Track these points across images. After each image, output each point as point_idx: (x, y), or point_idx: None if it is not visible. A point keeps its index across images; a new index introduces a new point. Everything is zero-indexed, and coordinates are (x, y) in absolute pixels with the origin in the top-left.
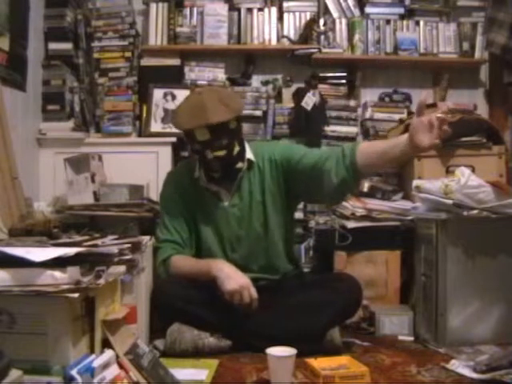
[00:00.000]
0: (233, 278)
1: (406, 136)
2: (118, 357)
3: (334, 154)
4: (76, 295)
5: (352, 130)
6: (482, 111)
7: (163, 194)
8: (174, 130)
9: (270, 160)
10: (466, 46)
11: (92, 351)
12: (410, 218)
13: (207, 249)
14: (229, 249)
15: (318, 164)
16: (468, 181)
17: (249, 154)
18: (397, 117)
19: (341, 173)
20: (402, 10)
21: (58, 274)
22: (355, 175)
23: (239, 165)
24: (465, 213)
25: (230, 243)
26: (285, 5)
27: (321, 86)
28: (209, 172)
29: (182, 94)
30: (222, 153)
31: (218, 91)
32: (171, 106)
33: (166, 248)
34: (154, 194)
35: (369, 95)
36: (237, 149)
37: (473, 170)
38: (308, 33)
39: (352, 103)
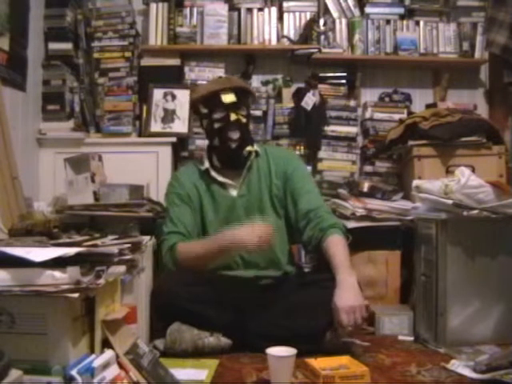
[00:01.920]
0: (242, 230)
1: (344, 279)
2: (118, 357)
3: (314, 223)
4: (76, 295)
5: (352, 129)
6: (482, 111)
7: (169, 190)
8: (174, 130)
9: (281, 160)
10: (465, 45)
11: (92, 351)
12: (409, 217)
13: None
14: None
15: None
16: (468, 181)
17: (255, 147)
18: (397, 117)
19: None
20: (402, 10)
21: (57, 274)
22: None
23: (249, 148)
24: (465, 213)
25: None
26: (285, 5)
27: (321, 85)
28: (228, 137)
29: (181, 94)
30: (244, 119)
31: None
32: (171, 106)
33: (171, 238)
34: (154, 194)
35: (369, 95)
36: (251, 128)
37: (473, 170)
38: (308, 33)
39: (352, 103)
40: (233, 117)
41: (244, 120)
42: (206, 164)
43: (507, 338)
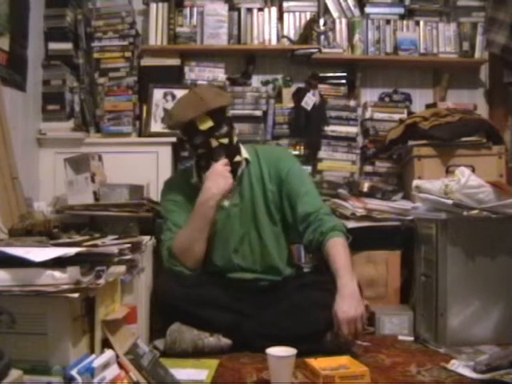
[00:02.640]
0: (207, 186)
1: (344, 286)
2: (118, 357)
3: (314, 223)
4: (76, 295)
5: (352, 129)
6: (482, 111)
7: (164, 198)
8: (174, 130)
9: (274, 162)
10: (465, 45)
11: (92, 351)
12: (410, 217)
13: (210, 252)
14: (231, 250)
15: (298, 222)
16: (468, 181)
17: (244, 154)
18: (397, 117)
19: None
20: (402, 10)
21: (57, 274)
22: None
23: (237, 158)
24: (465, 213)
25: (232, 243)
26: (285, 5)
27: (321, 86)
28: (213, 160)
29: (181, 94)
30: (225, 140)
31: (208, 86)
32: (171, 106)
33: (167, 242)
34: (154, 194)
35: (369, 95)
36: (235, 139)
37: (473, 170)
38: (308, 33)
39: (352, 103)
40: (214, 143)
41: (226, 140)
42: (195, 178)
43: (507, 338)
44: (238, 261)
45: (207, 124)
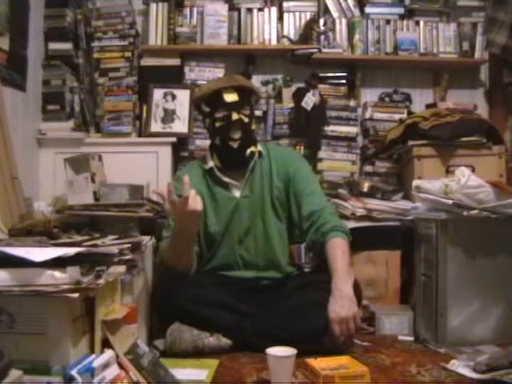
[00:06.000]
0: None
1: (337, 288)
2: (118, 357)
3: (317, 223)
4: (76, 295)
5: (352, 129)
6: (482, 111)
7: None
8: (174, 130)
9: (283, 161)
10: (465, 45)
11: (92, 351)
12: (409, 217)
13: (215, 242)
14: (236, 241)
15: (302, 221)
16: (468, 181)
17: (259, 147)
18: (397, 117)
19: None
20: (401, 10)
21: (58, 274)
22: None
23: (252, 148)
24: (465, 213)
25: (237, 235)
26: (285, 5)
27: (321, 85)
28: (229, 136)
29: (182, 94)
30: (246, 119)
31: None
32: (171, 106)
33: (162, 243)
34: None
35: (369, 95)
36: (254, 127)
37: (473, 170)
38: (308, 33)
39: (352, 103)
40: (234, 116)
41: (246, 120)
42: (211, 163)
43: (507, 337)
44: (240, 251)
45: (233, 97)
